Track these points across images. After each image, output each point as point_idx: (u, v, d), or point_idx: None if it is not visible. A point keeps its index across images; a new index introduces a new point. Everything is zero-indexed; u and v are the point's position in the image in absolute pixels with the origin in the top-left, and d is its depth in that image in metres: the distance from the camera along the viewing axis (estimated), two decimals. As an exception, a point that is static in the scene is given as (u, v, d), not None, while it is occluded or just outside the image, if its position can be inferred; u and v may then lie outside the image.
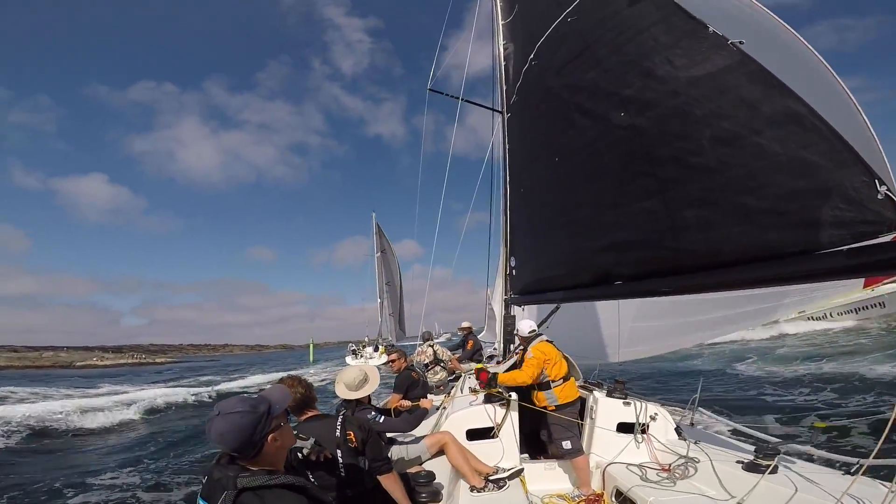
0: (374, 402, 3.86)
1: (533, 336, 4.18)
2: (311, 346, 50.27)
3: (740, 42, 2.29)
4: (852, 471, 2.82)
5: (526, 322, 4.28)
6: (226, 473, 1.45)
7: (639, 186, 2.78)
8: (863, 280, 3.52)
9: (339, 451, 2.47)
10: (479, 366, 4.78)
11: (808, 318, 22.08)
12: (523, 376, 3.84)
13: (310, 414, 2.62)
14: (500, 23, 6.16)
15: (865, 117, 2.15)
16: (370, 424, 3.34)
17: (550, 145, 3.85)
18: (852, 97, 2.21)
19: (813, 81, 2.24)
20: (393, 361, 5.77)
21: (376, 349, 32.33)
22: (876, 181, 1.75)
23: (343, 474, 2.47)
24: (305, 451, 2.38)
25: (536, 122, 4.17)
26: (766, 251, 2.07)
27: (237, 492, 1.38)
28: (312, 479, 2.42)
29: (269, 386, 1.95)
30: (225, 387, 22.66)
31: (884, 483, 2.56)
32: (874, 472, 2.84)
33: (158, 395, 17.67)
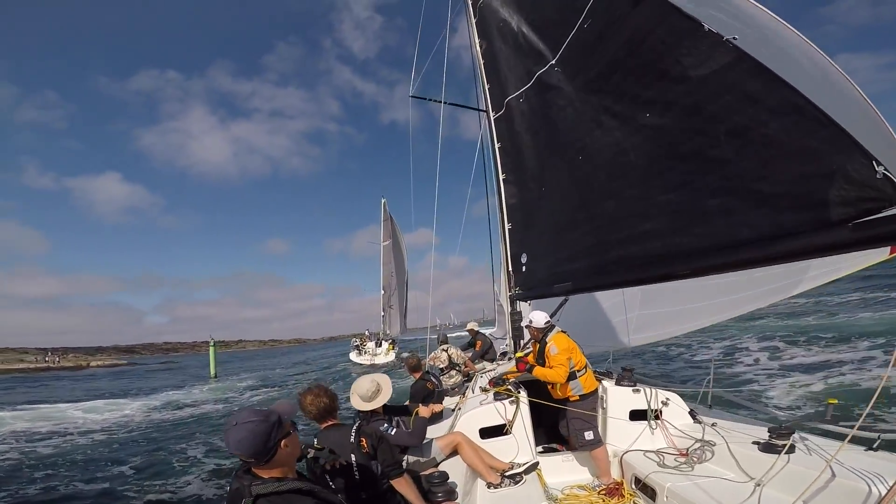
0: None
1: (548, 328, 4.19)
2: (212, 349, 35.55)
3: (734, 38, 2.51)
4: (874, 446, 2.80)
5: (539, 314, 4.26)
6: (242, 483, 1.65)
7: (664, 180, 3.01)
8: (889, 248, 3.77)
9: (353, 457, 2.65)
10: (520, 354, 4.83)
11: None
12: (556, 376, 3.89)
13: (330, 423, 2.82)
14: (474, 21, 6.36)
15: (867, 98, 2.28)
16: (382, 432, 3.50)
17: (574, 145, 4.06)
18: (851, 80, 2.36)
19: (806, 70, 2.42)
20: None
21: (379, 344, 31.08)
22: (873, 162, 1.96)
23: (358, 478, 2.65)
24: (322, 461, 2.55)
25: (561, 124, 4.35)
26: (782, 231, 2.28)
27: (253, 499, 1.57)
28: (332, 485, 2.62)
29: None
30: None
31: None
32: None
33: None
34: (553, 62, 4.49)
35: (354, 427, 2.77)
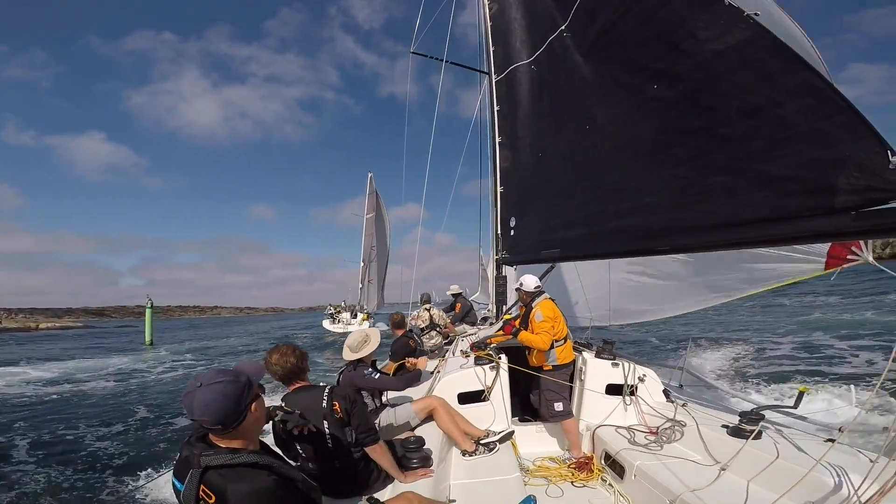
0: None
1: (537, 293, 4.13)
2: (149, 313, 31.03)
3: (755, 14, 2.46)
4: (837, 438, 2.83)
5: (530, 277, 4.18)
6: (192, 451, 1.48)
7: (670, 155, 2.97)
8: (824, 263, 3.87)
9: (325, 422, 2.51)
10: (508, 316, 4.77)
11: None
12: (540, 342, 3.84)
13: (299, 384, 2.66)
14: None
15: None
16: (361, 384, 3.35)
17: (582, 114, 3.98)
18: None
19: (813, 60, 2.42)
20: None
21: (354, 315, 31.39)
22: (889, 151, 1.95)
23: (330, 445, 2.52)
24: (290, 425, 2.34)
25: (569, 92, 4.26)
26: (784, 214, 2.28)
27: (202, 470, 1.41)
28: (300, 451, 2.50)
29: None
30: None
31: (862, 451, 2.66)
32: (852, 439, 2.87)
33: None
34: (563, 28, 4.36)
35: (327, 390, 2.61)
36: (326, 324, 32.19)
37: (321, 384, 2.75)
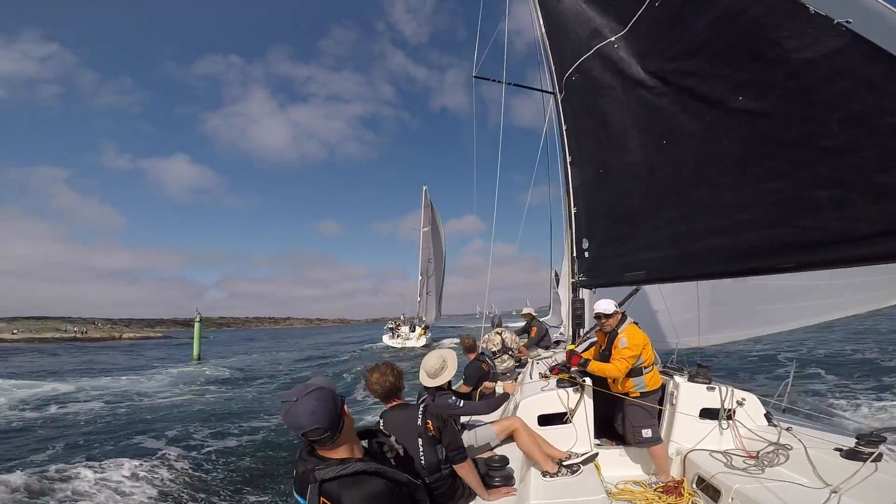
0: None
1: (621, 318, 3.91)
2: (197, 327, 31.65)
3: (847, 21, 2.33)
4: None
5: (606, 301, 3.96)
6: (306, 467, 1.58)
7: (764, 169, 2.84)
8: None
9: (419, 440, 2.62)
10: (571, 347, 4.64)
11: None
12: (614, 371, 3.65)
13: (395, 402, 2.78)
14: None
15: None
16: (448, 413, 3.47)
17: (654, 128, 3.88)
18: None
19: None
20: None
21: (413, 329, 31.47)
22: None
23: (423, 462, 2.61)
24: (387, 447, 2.46)
25: (632, 105, 4.17)
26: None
27: (319, 485, 1.50)
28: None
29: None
30: None
31: None
32: None
33: None
34: (613, 39, 4.31)
35: (421, 408, 2.73)
36: (386, 339, 32.18)
37: (415, 402, 2.90)
